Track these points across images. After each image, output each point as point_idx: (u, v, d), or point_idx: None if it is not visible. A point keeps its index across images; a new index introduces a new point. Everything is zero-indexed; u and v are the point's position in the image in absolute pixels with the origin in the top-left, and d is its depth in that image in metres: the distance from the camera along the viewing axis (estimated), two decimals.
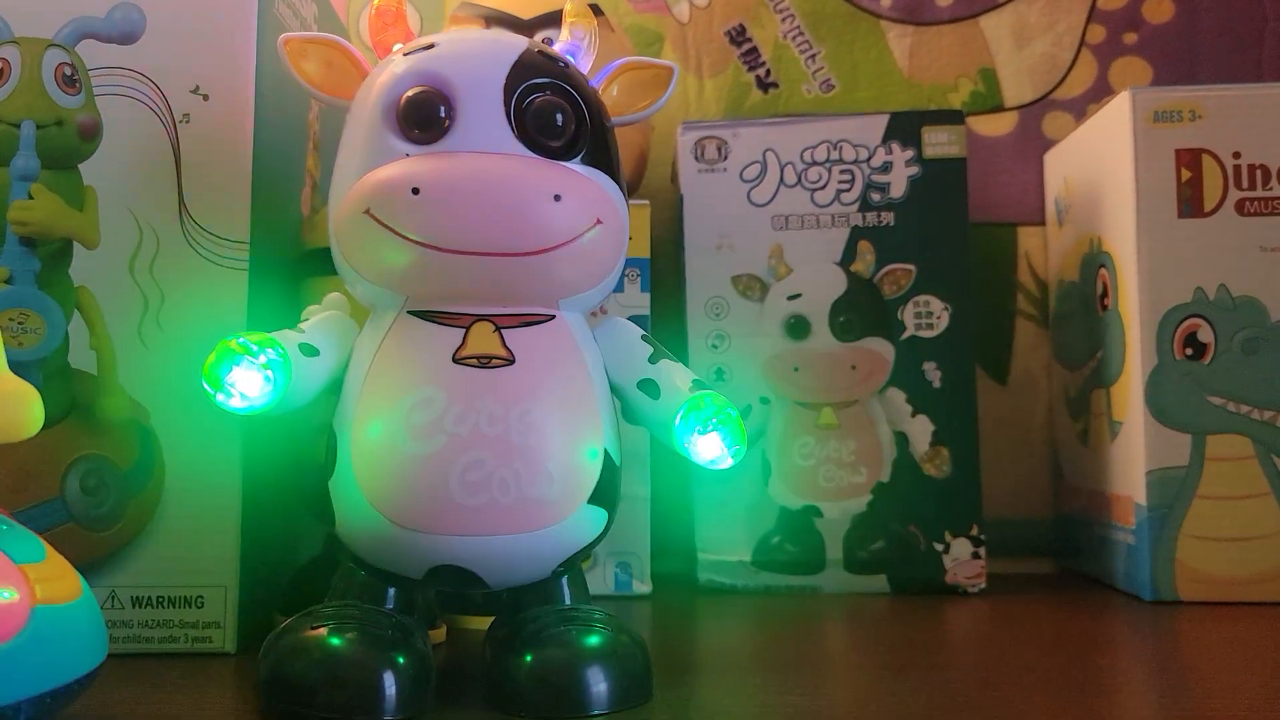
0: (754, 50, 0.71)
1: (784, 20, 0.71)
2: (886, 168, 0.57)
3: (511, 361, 0.34)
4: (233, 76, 0.42)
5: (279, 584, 0.46)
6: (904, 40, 0.71)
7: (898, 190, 0.57)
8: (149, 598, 0.41)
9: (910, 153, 0.57)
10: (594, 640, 0.34)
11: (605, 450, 0.35)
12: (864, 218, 0.57)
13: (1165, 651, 0.45)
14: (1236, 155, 0.54)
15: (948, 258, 0.56)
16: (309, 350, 0.35)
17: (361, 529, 0.34)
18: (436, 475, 0.33)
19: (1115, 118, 0.56)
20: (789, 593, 0.56)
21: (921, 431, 0.56)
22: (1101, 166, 0.58)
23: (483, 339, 0.34)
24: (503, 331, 0.34)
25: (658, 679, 0.37)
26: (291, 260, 0.46)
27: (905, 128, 0.57)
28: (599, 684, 0.33)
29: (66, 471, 0.41)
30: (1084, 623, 0.51)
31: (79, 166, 0.41)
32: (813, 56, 0.71)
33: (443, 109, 0.34)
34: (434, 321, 0.34)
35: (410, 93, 0.34)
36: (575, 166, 0.35)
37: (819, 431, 0.56)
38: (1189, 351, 0.53)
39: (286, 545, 0.47)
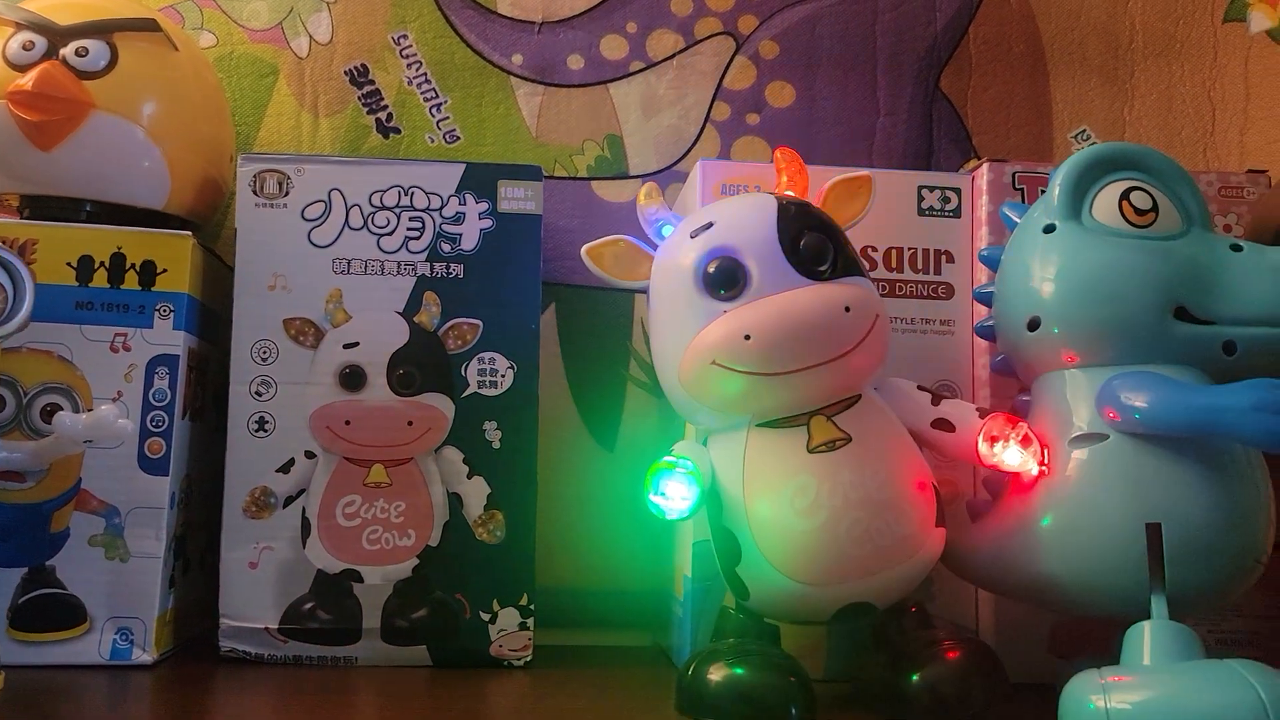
0: (376, 93, 0.69)
1: (410, 65, 0.69)
2: (459, 218, 0.55)
3: (849, 439, 0.43)
4: None
5: None
6: (533, 99, 0.70)
7: (469, 243, 0.55)
8: None
9: (485, 205, 0.55)
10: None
11: (932, 483, 0.45)
12: (432, 268, 0.54)
13: None
14: None
15: (516, 316, 0.54)
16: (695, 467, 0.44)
17: (776, 595, 0.44)
18: (829, 540, 0.42)
19: (690, 188, 0.56)
20: (321, 665, 0.52)
21: (477, 494, 0.53)
22: None
23: (822, 428, 0.43)
24: (834, 419, 0.43)
25: None
26: None
27: (481, 179, 0.55)
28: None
29: None
30: (616, 699, 0.49)
31: None
32: (438, 106, 0.69)
33: (738, 271, 0.43)
34: (780, 427, 0.43)
35: (712, 267, 0.44)
36: (847, 280, 0.44)
37: (367, 490, 0.53)
38: None
39: None
